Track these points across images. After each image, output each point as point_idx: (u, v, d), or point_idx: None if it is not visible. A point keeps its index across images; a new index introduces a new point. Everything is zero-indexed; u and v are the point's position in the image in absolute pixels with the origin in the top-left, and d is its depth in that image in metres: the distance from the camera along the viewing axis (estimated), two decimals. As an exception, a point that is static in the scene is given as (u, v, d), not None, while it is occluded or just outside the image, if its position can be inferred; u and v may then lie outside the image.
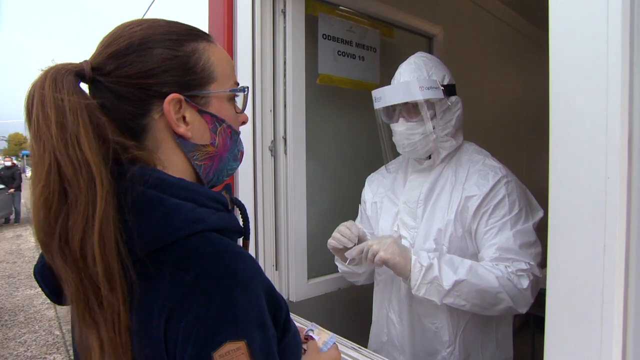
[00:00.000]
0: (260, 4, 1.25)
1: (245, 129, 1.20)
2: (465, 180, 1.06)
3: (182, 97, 0.51)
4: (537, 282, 0.97)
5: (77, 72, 0.48)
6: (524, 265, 0.96)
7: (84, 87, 0.50)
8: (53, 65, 0.47)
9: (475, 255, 1.03)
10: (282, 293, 1.16)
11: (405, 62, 1.08)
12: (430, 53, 1.86)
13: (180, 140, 0.53)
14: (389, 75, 1.11)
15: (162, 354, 0.43)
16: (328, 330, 0.74)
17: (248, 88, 0.60)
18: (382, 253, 0.95)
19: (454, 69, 1.12)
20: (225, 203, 0.54)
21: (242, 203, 0.63)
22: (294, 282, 1.32)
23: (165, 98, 0.50)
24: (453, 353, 1.05)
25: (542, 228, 0.97)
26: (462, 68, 1.59)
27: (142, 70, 0.50)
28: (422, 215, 1.09)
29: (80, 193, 0.42)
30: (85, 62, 0.50)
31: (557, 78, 0.57)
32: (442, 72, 1.05)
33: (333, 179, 1.51)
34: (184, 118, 0.52)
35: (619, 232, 0.50)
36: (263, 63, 1.26)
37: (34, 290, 4.67)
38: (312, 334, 0.73)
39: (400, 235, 1.11)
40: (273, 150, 1.31)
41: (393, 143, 1.12)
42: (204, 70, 0.53)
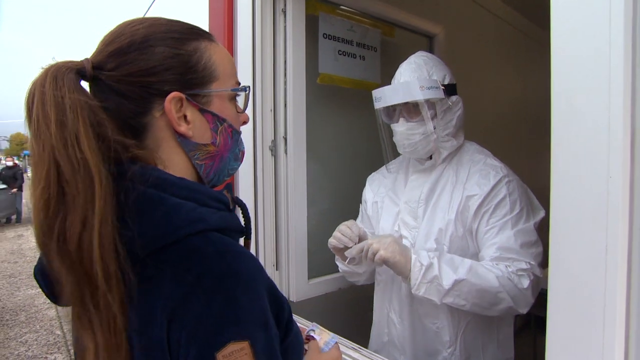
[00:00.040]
0: (261, 4, 1.24)
1: (246, 129, 1.20)
2: (466, 180, 1.05)
3: (183, 95, 0.51)
4: (537, 282, 0.97)
5: (78, 70, 0.48)
6: (525, 265, 0.95)
7: (85, 85, 0.50)
8: (54, 64, 0.47)
9: (476, 255, 1.03)
10: (282, 293, 1.15)
11: (406, 61, 1.08)
12: (431, 53, 1.85)
13: (181, 139, 0.53)
14: (390, 75, 1.11)
15: (165, 354, 0.43)
16: (329, 331, 0.74)
17: (250, 87, 0.59)
18: (382, 252, 0.95)
19: (455, 69, 1.12)
20: (227, 202, 0.54)
21: (243, 202, 0.63)
22: (295, 282, 1.32)
23: (167, 96, 0.50)
24: (454, 353, 1.05)
25: (543, 228, 0.97)
26: (463, 67, 1.58)
27: (143, 69, 0.49)
28: (423, 215, 1.09)
29: (79, 193, 0.42)
30: (86, 60, 0.50)
31: (558, 77, 0.56)
32: (442, 71, 1.05)
33: (333, 179, 1.51)
34: (185, 117, 0.52)
35: (621, 231, 0.50)
36: (263, 62, 1.26)
37: (35, 290, 4.68)
38: (313, 334, 0.73)
39: (401, 235, 1.11)
40: (273, 150, 1.30)
41: (394, 143, 1.11)
42: (206, 69, 0.53)
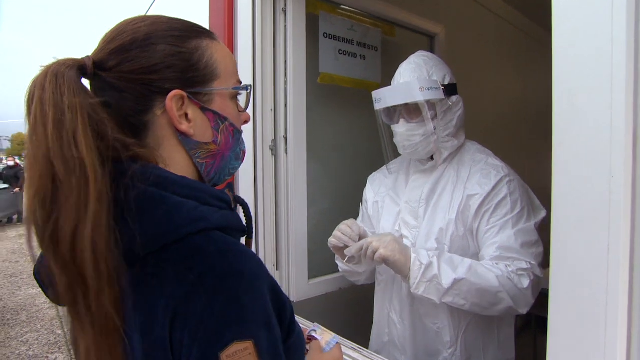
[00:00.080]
0: (261, 3, 1.24)
1: (246, 128, 1.19)
2: (468, 180, 1.05)
3: (184, 93, 0.51)
4: (538, 282, 0.96)
5: (79, 67, 0.47)
6: (525, 265, 0.95)
7: (86, 83, 0.49)
8: (54, 61, 0.47)
9: (477, 255, 1.02)
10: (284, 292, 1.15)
11: (406, 61, 1.07)
12: (432, 52, 1.85)
13: (182, 138, 0.52)
14: (390, 75, 1.10)
15: (167, 354, 0.43)
16: (330, 331, 0.74)
17: (251, 86, 0.59)
18: (382, 250, 0.94)
19: (456, 68, 1.12)
20: (229, 201, 0.53)
21: (245, 201, 0.62)
22: (295, 281, 1.32)
23: (168, 94, 0.50)
24: (455, 354, 1.04)
25: (544, 228, 0.97)
26: (463, 67, 1.58)
27: (144, 66, 0.49)
28: (423, 215, 1.08)
29: (72, 194, 0.41)
30: (87, 57, 0.50)
31: (560, 76, 0.56)
32: (442, 71, 1.05)
33: (334, 179, 1.50)
34: (187, 115, 0.52)
35: (624, 231, 0.50)
36: (264, 62, 1.26)
37: (37, 290, 4.68)
38: (314, 334, 0.73)
39: (402, 235, 1.10)
40: (274, 150, 1.30)
41: (394, 143, 1.11)
42: (207, 68, 0.53)
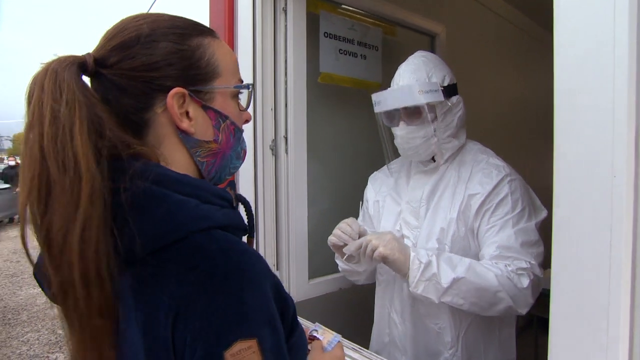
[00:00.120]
0: (261, 2, 1.24)
1: (246, 128, 1.19)
2: (469, 179, 1.05)
3: (185, 91, 0.50)
4: (538, 282, 0.96)
5: (79, 64, 0.47)
6: (525, 264, 0.94)
7: (87, 80, 0.49)
8: (55, 59, 0.46)
9: (478, 256, 1.02)
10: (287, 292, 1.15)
11: (405, 63, 1.07)
12: (433, 51, 1.85)
13: (183, 136, 0.52)
14: (391, 74, 1.10)
15: (169, 354, 0.42)
16: (331, 330, 0.74)
17: (253, 85, 0.59)
18: (381, 249, 0.94)
19: (457, 68, 1.11)
20: (230, 200, 0.53)
21: (246, 200, 0.62)
22: (295, 282, 1.31)
23: (169, 92, 0.49)
24: (455, 354, 1.04)
25: (545, 228, 0.96)
26: (464, 66, 1.57)
27: (146, 63, 0.49)
28: (424, 215, 1.08)
29: (64, 194, 0.41)
30: (88, 54, 0.49)
31: (561, 75, 0.56)
32: (442, 72, 1.04)
33: (334, 179, 1.50)
34: (187, 113, 0.51)
35: (626, 231, 0.49)
36: (264, 61, 1.25)
37: (37, 290, 4.67)
38: (316, 334, 0.73)
39: (403, 235, 1.10)
40: (274, 150, 1.30)
41: (395, 143, 1.11)
42: (209, 66, 0.53)
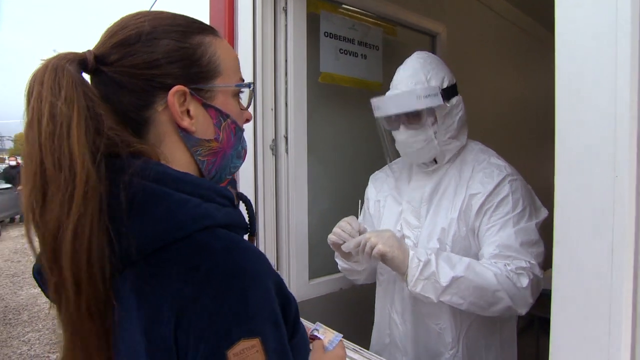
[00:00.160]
0: (262, 2, 1.23)
1: (246, 128, 1.19)
2: (470, 179, 1.04)
3: (187, 89, 0.50)
4: (537, 282, 0.95)
5: (79, 61, 0.47)
6: (524, 264, 0.94)
7: (87, 77, 0.49)
8: (55, 55, 0.46)
9: (478, 255, 1.01)
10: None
11: (403, 66, 1.06)
12: (434, 51, 1.84)
13: (184, 135, 0.51)
14: (392, 74, 1.09)
15: (172, 354, 0.42)
16: (332, 330, 0.74)
17: (255, 84, 0.58)
18: (380, 246, 0.93)
19: (457, 67, 1.11)
20: (232, 198, 0.53)
21: (248, 198, 0.62)
22: (295, 282, 1.31)
23: (170, 90, 0.49)
24: (456, 355, 1.03)
25: (545, 229, 0.96)
26: (465, 66, 1.57)
27: (146, 61, 0.48)
28: (425, 215, 1.08)
29: (58, 192, 0.41)
30: (89, 51, 0.49)
31: (562, 74, 0.55)
32: (441, 73, 1.03)
33: (334, 179, 1.50)
34: (188, 111, 0.51)
35: (628, 232, 0.49)
36: (264, 61, 1.25)
37: (38, 289, 4.65)
38: (317, 334, 0.73)
39: (404, 235, 1.10)
40: (274, 149, 1.30)
41: (394, 144, 1.10)
42: (210, 64, 0.52)
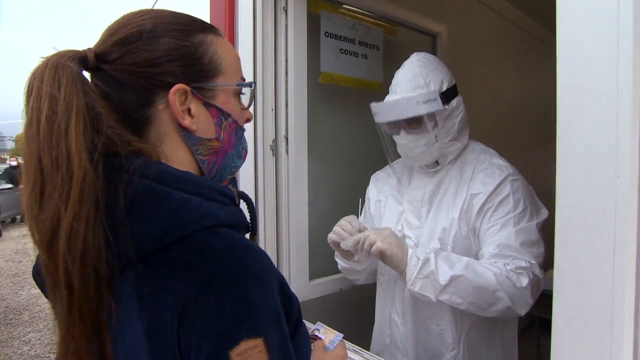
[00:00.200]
0: (262, 2, 1.23)
1: (247, 128, 1.19)
2: (471, 179, 1.04)
3: (188, 88, 0.50)
4: (537, 282, 0.95)
5: (80, 59, 0.46)
6: (524, 263, 0.94)
7: (87, 75, 0.49)
8: (55, 53, 0.46)
9: (479, 255, 1.01)
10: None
11: (401, 70, 1.05)
12: (434, 51, 1.84)
13: (185, 134, 0.51)
14: (392, 74, 1.09)
15: (174, 355, 0.41)
16: (333, 329, 0.74)
17: (255, 83, 0.58)
18: (379, 243, 0.93)
19: (458, 67, 1.10)
20: (233, 197, 0.52)
21: (249, 197, 0.61)
22: (295, 282, 1.31)
23: (171, 89, 0.49)
24: (457, 356, 1.03)
25: (545, 229, 0.95)
26: (465, 66, 1.57)
27: (147, 59, 0.48)
28: (426, 215, 1.07)
29: (55, 191, 0.41)
30: (89, 49, 0.49)
31: (564, 74, 0.55)
32: (440, 76, 1.02)
33: (335, 179, 1.50)
34: (189, 110, 0.51)
35: (630, 232, 0.48)
36: (265, 61, 1.25)
37: (39, 290, 4.70)
38: (318, 333, 0.73)
39: (405, 235, 1.09)
40: (274, 150, 1.29)
41: (395, 144, 1.10)
42: (211, 63, 0.52)
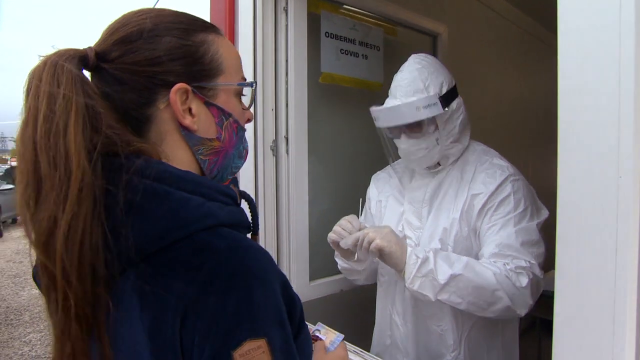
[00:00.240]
0: (262, 2, 1.23)
1: (247, 128, 1.19)
2: (472, 180, 1.04)
3: (189, 87, 0.50)
4: (537, 282, 0.94)
5: (80, 58, 0.46)
6: (524, 263, 0.93)
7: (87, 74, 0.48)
8: (54, 52, 0.45)
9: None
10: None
11: (400, 73, 1.05)
12: (435, 51, 1.84)
13: (186, 133, 0.51)
14: (392, 75, 1.09)
15: (176, 355, 0.41)
16: (334, 330, 0.74)
17: (256, 83, 0.58)
18: (378, 240, 0.93)
19: (458, 68, 1.10)
20: (234, 197, 0.52)
21: (250, 197, 0.61)
22: (296, 283, 1.30)
23: (172, 88, 0.49)
24: (458, 357, 1.03)
25: (546, 229, 0.95)
26: (466, 67, 1.57)
27: (148, 58, 0.48)
28: (427, 215, 1.07)
29: (52, 191, 0.40)
30: (90, 48, 0.49)
31: (565, 75, 0.55)
32: (439, 78, 1.01)
33: (335, 179, 1.49)
34: (190, 110, 0.51)
35: (632, 232, 0.48)
36: (265, 62, 1.25)
37: (39, 291, 4.70)
38: (318, 334, 0.72)
39: (405, 235, 1.09)
40: (275, 150, 1.29)
41: (396, 145, 1.10)
42: (213, 62, 0.52)
